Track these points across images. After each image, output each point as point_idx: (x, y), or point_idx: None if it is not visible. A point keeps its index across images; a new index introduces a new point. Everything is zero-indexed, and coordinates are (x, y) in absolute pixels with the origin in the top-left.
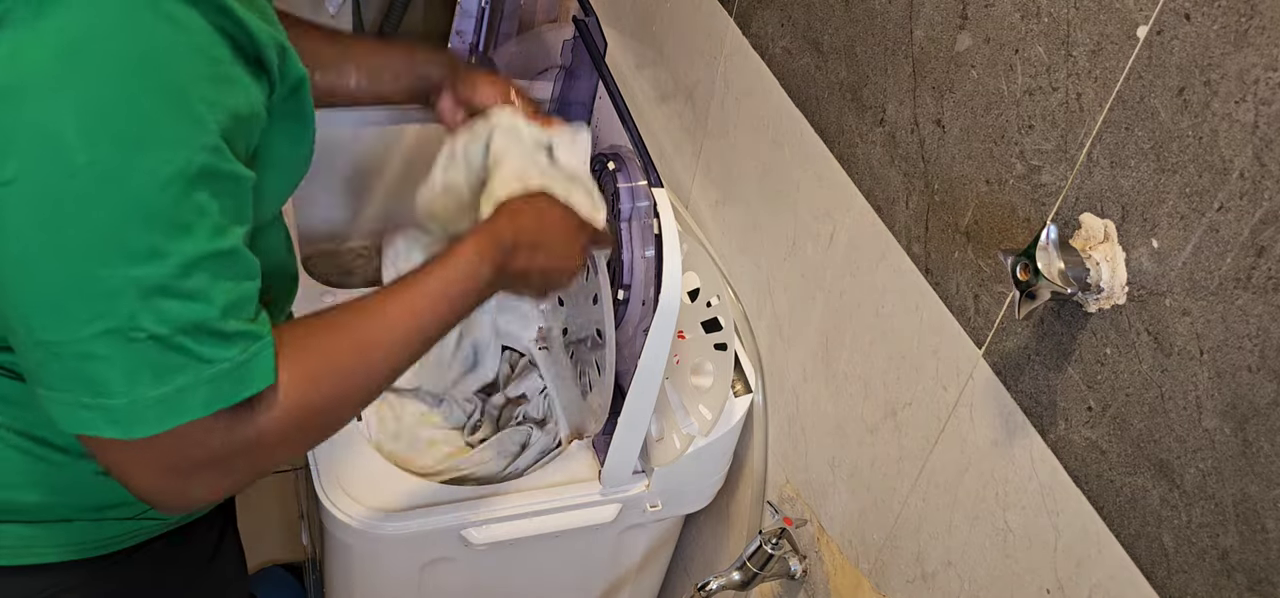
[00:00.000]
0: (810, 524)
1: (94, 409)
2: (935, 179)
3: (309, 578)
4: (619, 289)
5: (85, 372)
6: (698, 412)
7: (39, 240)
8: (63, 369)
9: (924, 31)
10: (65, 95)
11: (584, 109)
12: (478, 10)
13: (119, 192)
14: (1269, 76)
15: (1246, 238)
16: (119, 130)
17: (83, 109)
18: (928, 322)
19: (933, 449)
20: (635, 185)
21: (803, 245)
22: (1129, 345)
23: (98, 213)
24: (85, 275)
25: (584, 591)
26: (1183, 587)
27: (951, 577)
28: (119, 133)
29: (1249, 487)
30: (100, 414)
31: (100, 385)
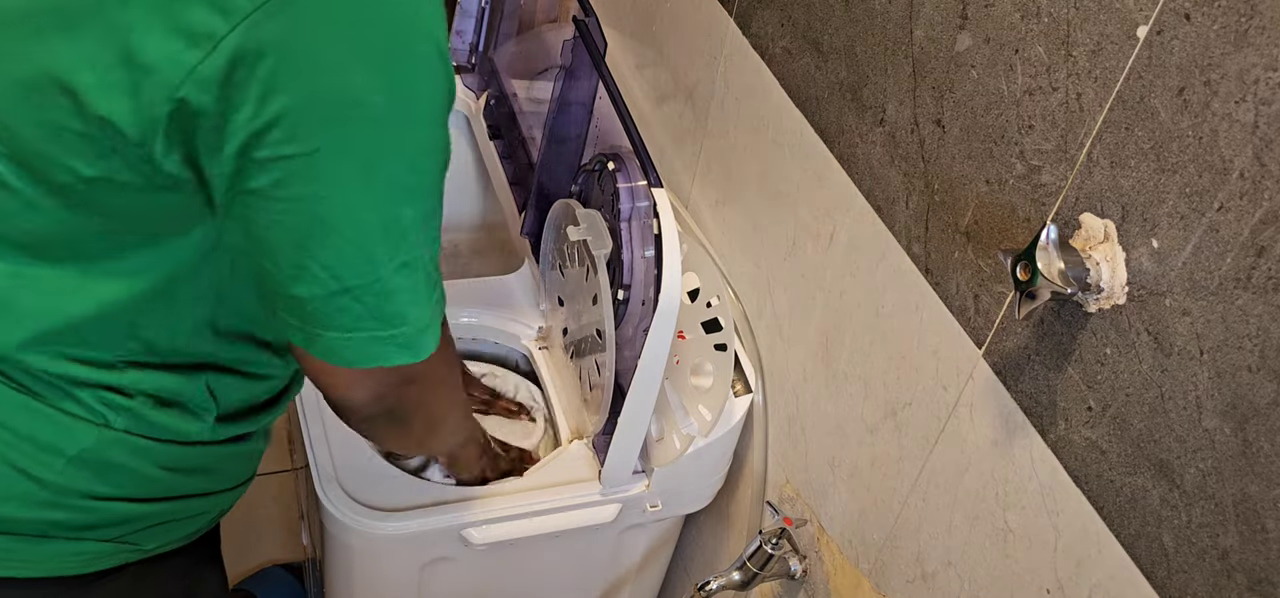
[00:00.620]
0: (810, 524)
1: (388, 341)
2: (935, 179)
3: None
4: (619, 289)
5: (383, 307)
6: (697, 412)
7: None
8: (362, 309)
9: (924, 31)
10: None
11: (584, 109)
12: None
13: (410, 134)
14: (1269, 76)
15: (1246, 238)
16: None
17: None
18: (928, 322)
19: (933, 449)
20: (635, 185)
21: (803, 245)
22: (1129, 345)
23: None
24: (391, 216)
25: (584, 591)
26: (1183, 587)
27: (951, 577)
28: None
29: (1249, 487)
30: (393, 344)
31: (394, 316)
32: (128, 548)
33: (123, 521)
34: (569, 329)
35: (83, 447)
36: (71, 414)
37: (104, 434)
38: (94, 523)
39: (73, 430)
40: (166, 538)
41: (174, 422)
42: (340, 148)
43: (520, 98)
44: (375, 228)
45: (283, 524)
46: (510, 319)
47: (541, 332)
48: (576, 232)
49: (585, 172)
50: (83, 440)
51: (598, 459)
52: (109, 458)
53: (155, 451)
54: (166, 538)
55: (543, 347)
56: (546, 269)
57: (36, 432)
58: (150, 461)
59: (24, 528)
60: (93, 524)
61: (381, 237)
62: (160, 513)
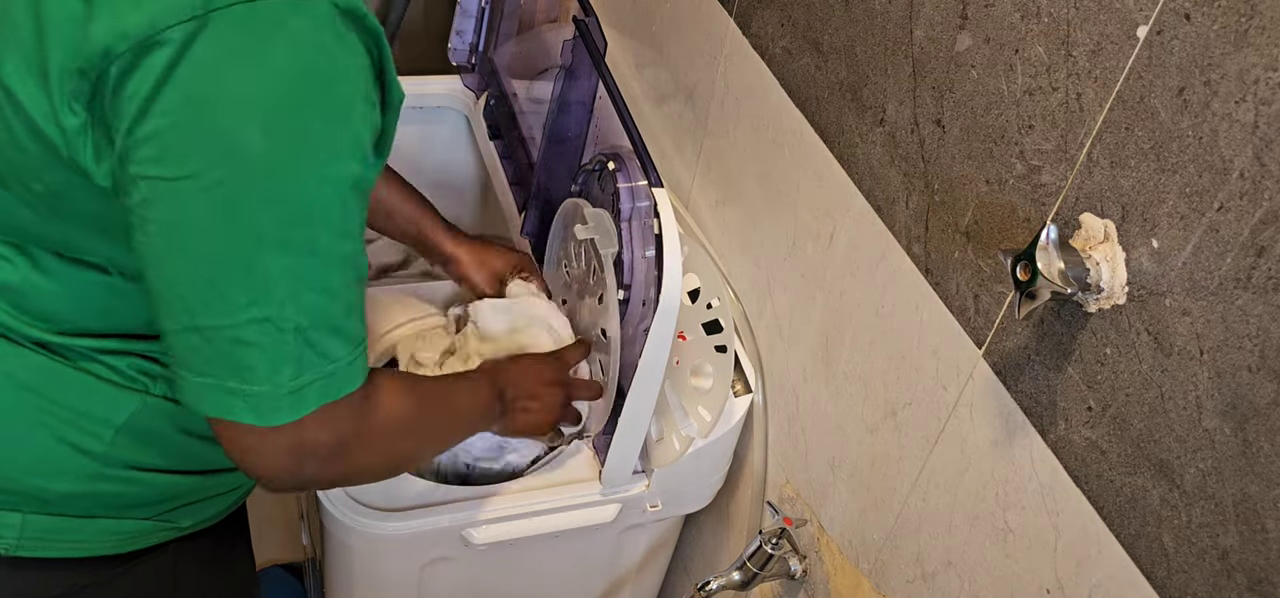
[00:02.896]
0: (810, 524)
1: (236, 394)
2: (935, 179)
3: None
4: (619, 289)
5: (234, 356)
6: (697, 413)
7: (211, 229)
8: (213, 353)
9: (924, 31)
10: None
11: (584, 109)
12: (478, 10)
13: (290, 189)
14: (1269, 76)
15: (1246, 238)
16: (295, 136)
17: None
18: (928, 322)
19: (933, 449)
20: (635, 185)
21: (803, 245)
22: (1129, 345)
23: (268, 207)
24: (249, 262)
25: (584, 591)
26: (1183, 587)
27: (951, 577)
28: (295, 138)
29: (1249, 487)
30: (241, 400)
31: (246, 371)
32: (166, 527)
33: (163, 497)
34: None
35: (129, 413)
36: (114, 383)
37: (146, 400)
38: (137, 499)
39: (119, 399)
40: (201, 516)
41: None
42: (208, 183)
43: (520, 98)
44: (233, 270)
45: (283, 524)
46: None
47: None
48: (584, 230)
49: (585, 172)
50: (128, 407)
51: (598, 459)
52: (151, 425)
53: (191, 417)
54: (201, 516)
55: None
56: (549, 269)
57: (85, 403)
58: (187, 427)
59: (73, 507)
60: (135, 501)
61: (238, 281)
62: (196, 489)
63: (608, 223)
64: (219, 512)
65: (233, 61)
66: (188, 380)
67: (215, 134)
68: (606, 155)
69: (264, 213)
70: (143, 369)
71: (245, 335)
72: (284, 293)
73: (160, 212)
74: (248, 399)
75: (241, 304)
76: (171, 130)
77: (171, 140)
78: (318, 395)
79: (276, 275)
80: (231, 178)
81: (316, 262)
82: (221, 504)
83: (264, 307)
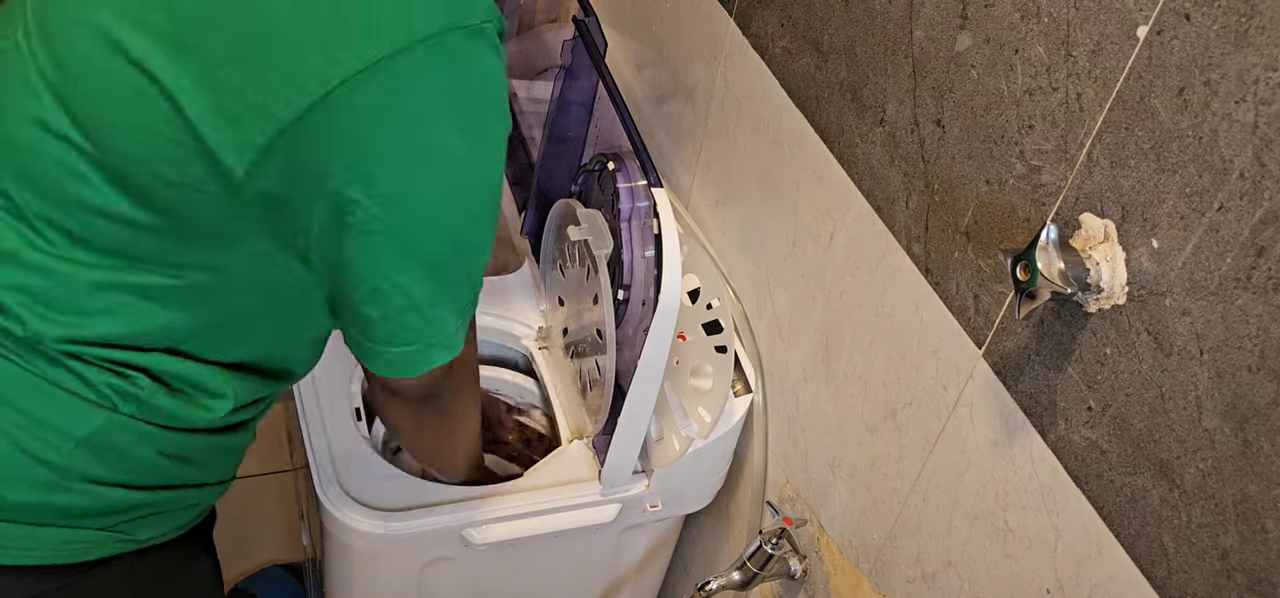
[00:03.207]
0: (810, 524)
1: (434, 346)
2: (935, 179)
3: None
4: (619, 289)
5: (436, 316)
6: (697, 414)
7: (433, 226)
8: (421, 322)
9: (924, 31)
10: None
11: (584, 109)
12: None
13: (485, 176)
14: (1269, 76)
15: (1246, 238)
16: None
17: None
18: (928, 322)
19: (933, 449)
20: (635, 185)
21: (803, 245)
22: (1129, 345)
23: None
24: (462, 240)
25: (584, 591)
26: (1183, 587)
27: (951, 577)
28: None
29: (1249, 487)
30: (438, 348)
31: (440, 322)
32: (121, 539)
33: (119, 509)
34: (569, 329)
35: (91, 429)
36: (82, 397)
37: (112, 418)
38: (92, 510)
39: (83, 413)
40: (159, 529)
41: (180, 408)
42: (427, 186)
43: (520, 98)
44: (445, 254)
45: (283, 524)
46: (510, 319)
47: (541, 332)
48: (577, 231)
49: (585, 172)
50: (92, 422)
51: (598, 459)
52: (113, 442)
53: (157, 436)
54: (159, 529)
55: (543, 347)
56: (547, 269)
57: (47, 415)
58: (151, 446)
59: (26, 514)
60: (90, 511)
61: (451, 258)
62: (155, 503)
63: (601, 223)
64: (180, 525)
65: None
66: (390, 355)
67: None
68: (606, 155)
69: (472, 197)
70: (114, 386)
71: (445, 297)
72: (478, 252)
73: (388, 223)
74: (444, 346)
75: (450, 276)
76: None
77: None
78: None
79: (476, 241)
80: (446, 182)
81: (493, 227)
82: (183, 518)
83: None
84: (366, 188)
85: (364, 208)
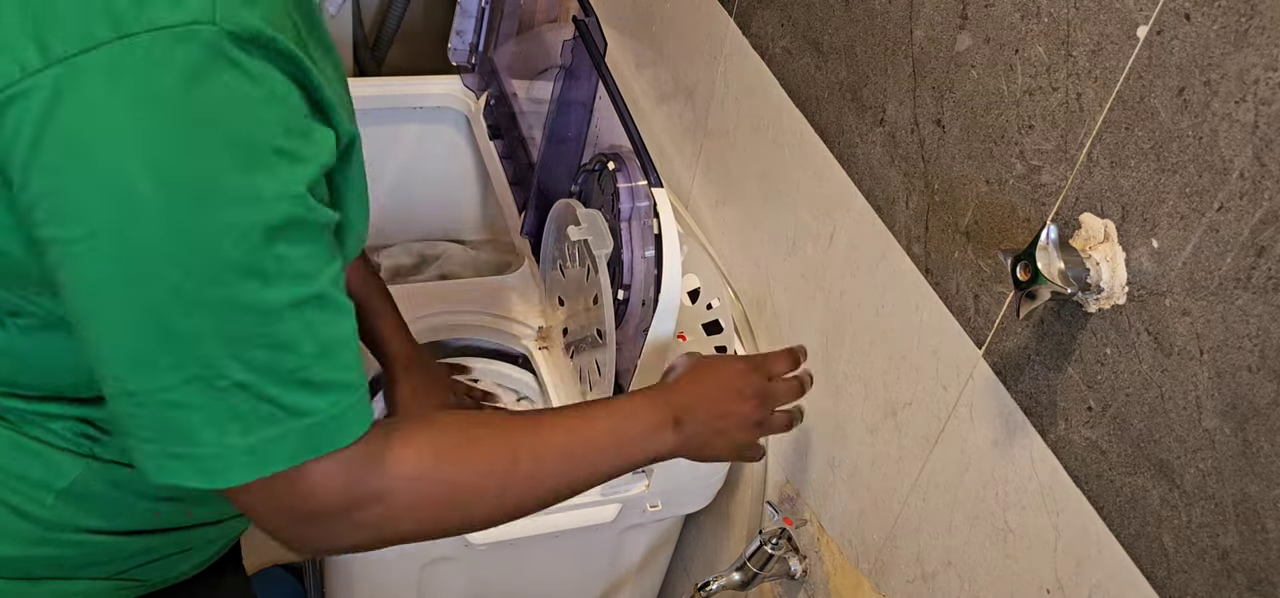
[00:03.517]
0: (810, 524)
1: (182, 459)
2: (935, 179)
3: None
4: (619, 289)
5: (172, 420)
6: None
7: (119, 293)
8: (149, 419)
9: (924, 31)
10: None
11: (584, 109)
12: (477, 10)
13: (193, 244)
14: (1269, 76)
15: (1246, 238)
16: (189, 183)
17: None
18: (928, 322)
19: (933, 449)
20: (635, 185)
21: (803, 245)
22: (1129, 345)
23: (174, 265)
24: (165, 325)
25: (584, 591)
26: (1183, 587)
27: (951, 577)
28: (190, 185)
29: (1249, 487)
30: (188, 464)
31: (188, 435)
32: (131, 585)
33: (117, 556)
34: (569, 329)
35: (71, 479)
36: (55, 447)
37: (91, 465)
38: (87, 560)
39: (59, 463)
40: (172, 571)
41: None
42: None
43: (520, 98)
44: (150, 333)
45: None
46: (510, 319)
47: (541, 332)
48: (577, 231)
49: (585, 172)
50: (70, 472)
51: None
52: (96, 489)
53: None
54: (172, 571)
55: (543, 347)
56: (546, 269)
57: (25, 469)
58: (133, 491)
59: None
60: (86, 562)
61: (158, 344)
62: (158, 547)
63: (600, 223)
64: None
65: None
66: (135, 447)
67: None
68: (606, 155)
69: (170, 270)
70: (84, 433)
71: (179, 399)
72: (215, 352)
73: (68, 274)
74: (194, 463)
75: (166, 367)
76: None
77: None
78: (290, 452)
79: (200, 335)
80: (129, 236)
81: (250, 316)
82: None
83: (190, 367)
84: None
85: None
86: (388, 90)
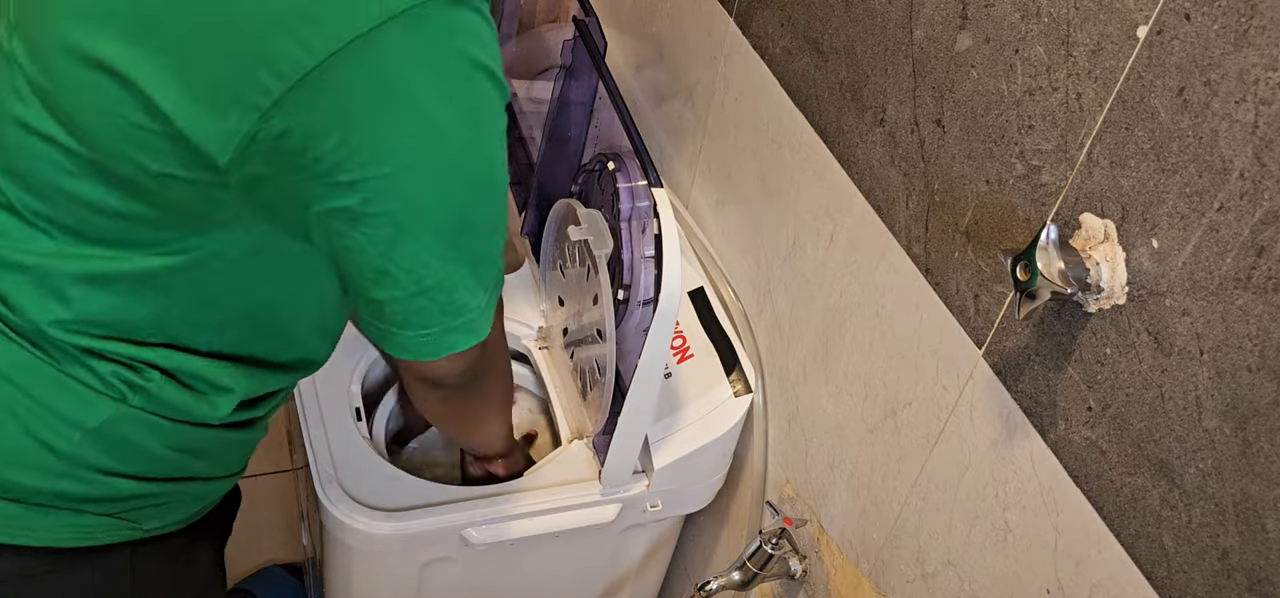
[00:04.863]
0: (810, 524)
1: (456, 330)
2: (935, 179)
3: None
4: (619, 289)
5: (453, 300)
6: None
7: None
8: (436, 306)
9: (924, 31)
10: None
11: (584, 109)
12: None
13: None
14: (1269, 76)
15: (1246, 238)
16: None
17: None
18: (928, 322)
19: (933, 449)
20: (635, 185)
21: (803, 245)
22: (1129, 345)
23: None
24: (464, 220)
25: (584, 591)
26: (1183, 587)
27: (951, 577)
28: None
29: (1249, 487)
30: (461, 333)
31: (459, 306)
32: (127, 525)
33: (125, 497)
34: (569, 329)
35: (101, 420)
36: (92, 388)
37: (120, 409)
38: (98, 497)
39: (93, 404)
40: (165, 519)
41: (190, 403)
42: (419, 164)
43: (520, 98)
44: (450, 232)
45: (283, 524)
46: (510, 319)
47: (541, 332)
48: (577, 231)
49: (585, 172)
50: (101, 414)
51: (598, 459)
52: (122, 433)
53: (166, 429)
54: (165, 519)
55: (543, 347)
56: (546, 269)
57: (58, 403)
58: (160, 439)
59: (33, 497)
60: (96, 498)
61: (456, 238)
62: (161, 493)
63: (601, 223)
64: (187, 516)
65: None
66: (406, 337)
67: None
68: (606, 155)
69: (467, 172)
70: (124, 378)
71: (459, 279)
72: (485, 230)
73: (384, 205)
74: (466, 330)
75: (458, 257)
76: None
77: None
78: (493, 305)
79: (479, 220)
80: (438, 155)
81: (497, 206)
82: (190, 509)
83: (475, 246)
84: (357, 170)
85: (357, 191)
86: None
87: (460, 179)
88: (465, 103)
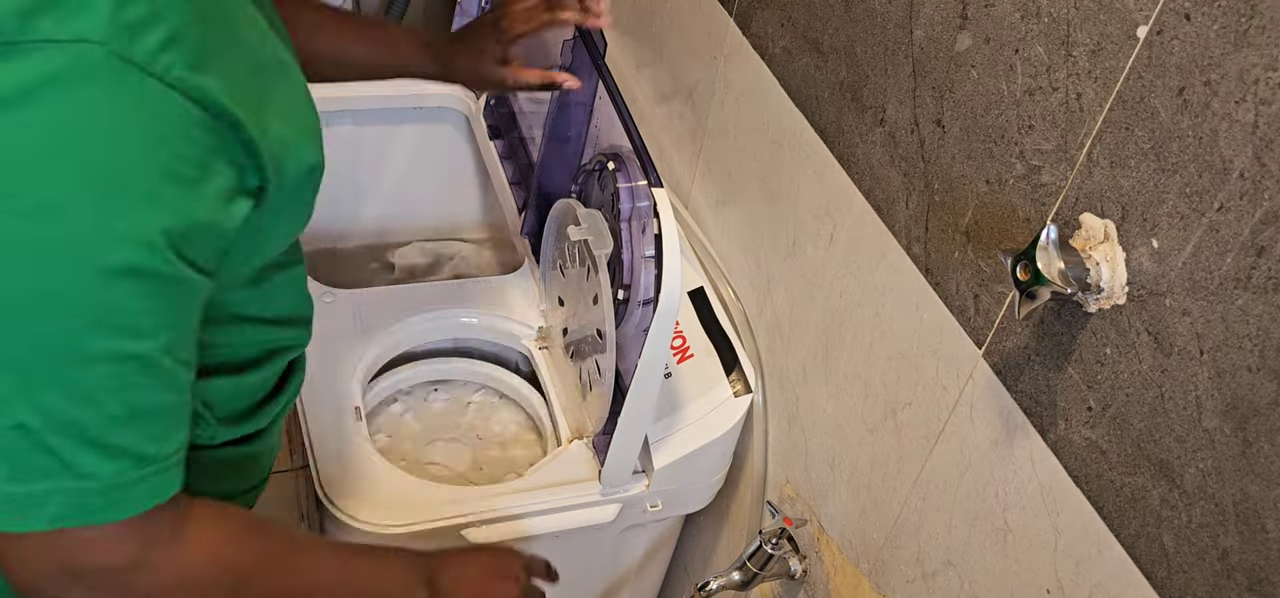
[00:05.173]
0: (810, 524)
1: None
2: (935, 179)
3: None
4: (619, 289)
5: None
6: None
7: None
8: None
9: (924, 31)
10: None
11: (584, 109)
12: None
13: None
14: (1269, 76)
15: (1246, 238)
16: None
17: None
18: (928, 322)
19: (933, 449)
20: (635, 185)
21: (803, 245)
22: (1129, 345)
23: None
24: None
25: (584, 591)
26: (1183, 587)
27: (951, 577)
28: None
29: (1249, 487)
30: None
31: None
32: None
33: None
34: (569, 329)
35: None
36: None
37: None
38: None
39: None
40: None
41: None
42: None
43: (520, 98)
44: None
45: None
46: (510, 319)
47: (541, 332)
48: (577, 231)
49: (585, 172)
50: None
51: (598, 459)
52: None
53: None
54: None
55: (543, 347)
56: (546, 269)
57: None
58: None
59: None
60: None
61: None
62: None
63: (601, 223)
64: None
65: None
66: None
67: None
68: (606, 155)
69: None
70: None
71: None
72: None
73: None
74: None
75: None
76: None
77: None
78: (54, 513)
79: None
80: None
81: (57, 359)
82: None
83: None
84: None
85: None
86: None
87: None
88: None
